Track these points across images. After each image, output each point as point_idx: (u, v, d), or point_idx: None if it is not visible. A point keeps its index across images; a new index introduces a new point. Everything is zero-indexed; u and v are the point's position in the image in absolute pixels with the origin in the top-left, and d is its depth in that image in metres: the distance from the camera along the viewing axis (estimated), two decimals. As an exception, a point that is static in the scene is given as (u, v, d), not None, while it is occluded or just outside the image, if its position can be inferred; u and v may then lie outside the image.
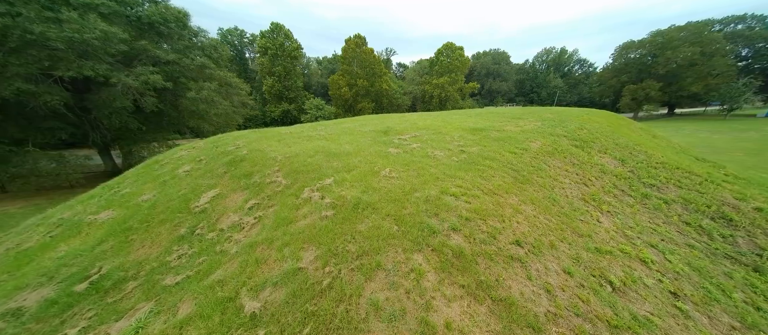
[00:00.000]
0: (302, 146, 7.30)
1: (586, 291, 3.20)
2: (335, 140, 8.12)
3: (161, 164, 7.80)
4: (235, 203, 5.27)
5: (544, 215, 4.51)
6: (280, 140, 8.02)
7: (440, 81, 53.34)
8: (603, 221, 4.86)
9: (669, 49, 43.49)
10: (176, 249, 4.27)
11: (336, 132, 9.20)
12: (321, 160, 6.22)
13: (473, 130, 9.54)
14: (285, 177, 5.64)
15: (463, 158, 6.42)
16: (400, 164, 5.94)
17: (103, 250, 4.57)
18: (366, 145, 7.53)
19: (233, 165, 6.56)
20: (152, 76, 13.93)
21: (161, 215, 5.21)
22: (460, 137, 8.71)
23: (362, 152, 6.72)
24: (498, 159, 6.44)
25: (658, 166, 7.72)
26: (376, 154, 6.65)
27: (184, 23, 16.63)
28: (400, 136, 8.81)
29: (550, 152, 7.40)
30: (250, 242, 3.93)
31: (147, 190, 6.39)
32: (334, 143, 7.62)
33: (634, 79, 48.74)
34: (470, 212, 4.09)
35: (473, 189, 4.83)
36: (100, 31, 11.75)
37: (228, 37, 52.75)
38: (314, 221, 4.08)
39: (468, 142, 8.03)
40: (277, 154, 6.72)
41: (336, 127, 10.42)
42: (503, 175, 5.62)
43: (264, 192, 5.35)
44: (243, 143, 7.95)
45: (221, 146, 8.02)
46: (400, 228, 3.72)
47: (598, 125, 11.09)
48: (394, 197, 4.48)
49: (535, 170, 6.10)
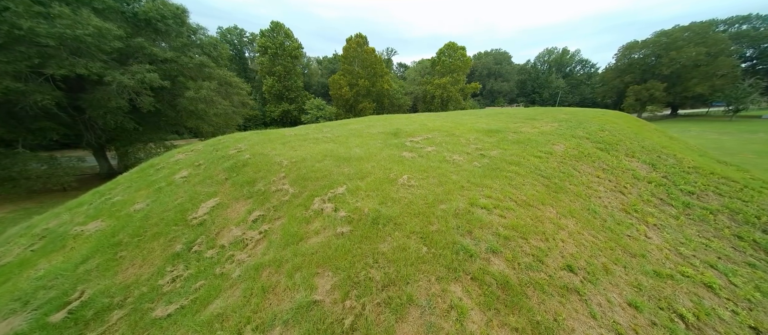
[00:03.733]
0: (309, 150, 6.76)
1: (660, 331, 2.67)
2: (343, 142, 7.58)
3: (157, 169, 7.24)
4: (237, 214, 4.73)
5: (588, 231, 3.98)
6: (285, 143, 7.47)
7: (442, 81, 52.75)
8: (651, 236, 4.33)
9: (673, 49, 43.02)
10: (170, 270, 3.72)
11: (343, 134, 8.66)
12: (330, 165, 5.69)
13: (488, 132, 9.02)
14: (292, 185, 5.10)
15: (486, 164, 5.89)
16: (417, 171, 5.41)
17: (87, 269, 4.02)
18: (377, 148, 7.00)
19: (235, 171, 6.01)
20: (149, 74, 13.41)
21: (155, 227, 4.67)
22: (476, 139, 8.19)
23: (374, 157, 6.19)
24: (523, 164, 5.91)
25: (691, 171, 7.20)
26: (390, 158, 6.12)
27: (182, 20, 15.99)
28: (411, 138, 8.27)
29: (577, 156, 6.88)
30: (255, 264, 3.39)
31: (140, 198, 5.84)
32: (343, 147, 7.08)
33: (638, 79, 48.27)
34: (508, 229, 3.56)
35: (505, 200, 4.30)
36: (93, 28, 11.16)
37: (227, 36, 52.08)
38: (328, 238, 3.54)
39: (486, 145, 7.51)
40: (282, 158, 6.18)
41: (342, 128, 9.87)
42: (533, 183, 5.09)
43: (269, 202, 4.81)
44: (245, 146, 7.40)
45: (221, 149, 7.47)
46: (429, 250, 3.19)
47: (617, 126, 10.58)
48: (417, 210, 3.94)
49: (566, 177, 5.57)
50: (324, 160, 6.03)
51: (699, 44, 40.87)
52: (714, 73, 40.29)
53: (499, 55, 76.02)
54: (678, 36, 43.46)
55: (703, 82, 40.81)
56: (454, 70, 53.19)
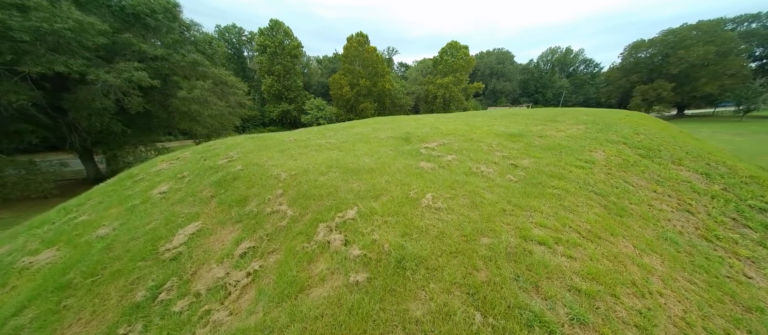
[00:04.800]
0: (311, 159, 5.80)
1: None
2: (350, 150, 6.63)
3: (135, 181, 6.28)
4: (221, 244, 3.77)
5: (680, 274, 3.02)
6: (283, 151, 6.52)
7: (444, 81, 51.76)
8: (752, 275, 3.37)
9: (682, 48, 42.04)
10: (123, 333, 2.76)
11: (348, 140, 7.70)
12: (337, 179, 4.74)
13: (510, 136, 8.08)
14: (291, 205, 4.15)
15: (522, 177, 4.93)
16: (442, 187, 4.46)
17: (18, 325, 3.06)
18: (389, 157, 6.05)
19: (223, 186, 5.05)
20: (137, 73, 12.32)
21: (116, 262, 3.70)
22: (499, 145, 7.25)
23: (388, 168, 5.24)
24: (567, 177, 4.96)
25: (749, 181, 6.23)
26: (406, 170, 5.17)
27: (174, 15, 14.94)
28: (425, 144, 7.33)
29: (622, 165, 5.92)
30: (237, 331, 2.43)
31: (109, 218, 4.87)
32: (350, 155, 6.13)
33: (645, 79, 47.30)
34: (586, 280, 2.60)
35: (564, 230, 3.35)
36: (74, 21, 10.17)
37: (226, 35, 51.02)
38: (338, 291, 2.59)
39: (513, 152, 6.56)
40: (280, 170, 5.23)
41: (346, 132, 8.92)
42: (588, 203, 4.13)
43: (263, 228, 3.86)
44: (237, 154, 6.44)
45: (210, 158, 6.51)
46: (485, 319, 2.24)
47: (650, 128, 9.62)
48: (453, 247, 3.00)
49: (622, 194, 4.62)
50: (329, 172, 5.08)
51: (708, 43, 39.90)
52: (724, 73, 39.34)
53: (501, 54, 75.02)
54: (686, 34, 42.50)
55: (713, 81, 39.83)
56: (457, 69, 52.23)
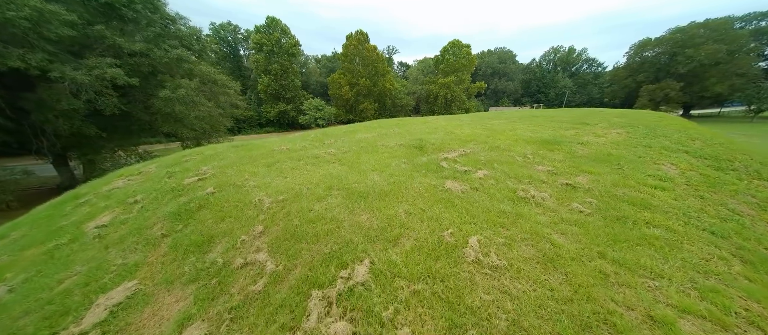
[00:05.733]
0: (305, 177, 4.46)
1: None
2: (353, 163, 5.28)
3: (77, 204, 4.90)
4: (159, 327, 2.43)
5: None
6: (271, 165, 5.16)
7: (446, 81, 50.40)
8: None
9: (690, 46, 40.88)
10: None
11: (351, 149, 6.35)
12: (338, 207, 3.41)
13: (543, 143, 6.78)
14: (273, 252, 2.82)
15: (593, 205, 3.60)
16: (486, 223, 3.14)
17: None
18: (404, 173, 4.71)
19: (183, 219, 3.70)
20: (111, 70, 10.68)
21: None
22: (534, 154, 5.94)
23: (405, 190, 3.91)
24: (653, 205, 3.63)
25: None
26: (430, 194, 3.84)
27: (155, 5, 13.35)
28: (443, 154, 6.01)
29: (706, 184, 4.61)
30: None
31: (17, 267, 3.50)
32: (354, 171, 4.78)
33: (651, 79, 46.15)
34: None
35: (720, 311, 2.02)
36: (30, 9, 8.74)
37: (221, 33, 49.36)
38: None
39: (557, 165, 5.23)
40: (263, 194, 3.88)
41: (348, 139, 7.57)
42: (716, 252, 2.81)
43: (227, 295, 2.53)
44: (212, 170, 5.08)
45: (177, 174, 5.13)
46: None
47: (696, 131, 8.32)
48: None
49: (741, 231, 3.30)
50: (328, 196, 3.74)
51: (718, 41, 38.77)
52: (734, 72, 38.24)
53: (503, 53, 73.75)
54: (694, 33, 41.33)
55: (723, 81, 38.67)
56: (459, 68, 50.92)
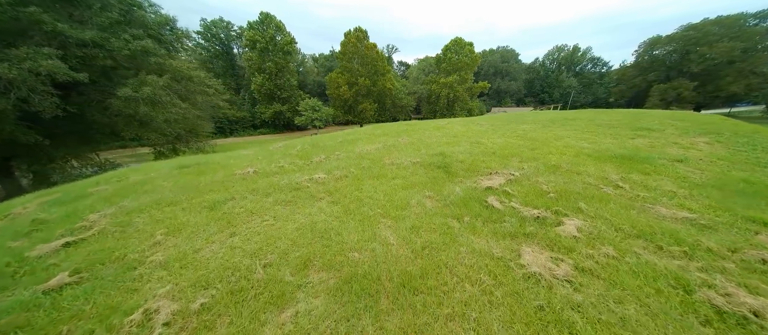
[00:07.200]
0: (266, 234, 2.46)
1: None
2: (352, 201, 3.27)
3: None
4: None
5: None
6: (216, 207, 3.15)
7: (448, 80, 48.38)
8: None
9: (704, 44, 39.12)
10: None
11: (349, 171, 4.34)
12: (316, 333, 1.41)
13: (622, 160, 4.91)
14: None
15: None
16: None
17: None
18: (438, 227, 2.73)
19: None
20: (46, 62, 8.50)
21: None
22: (625, 180, 4.00)
23: (448, 273, 1.91)
24: None
25: None
26: (512, 297, 1.85)
27: (110, -16, 11.11)
28: (484, 181, 4.07)
29: None
30: None
31: None
32: (353, 219, 2.78)
33: (662, 77, 44.33)
34: None
35: None
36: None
37: (212, 30, 47.12)
38: None
39: (688, 205, 3.26)
40: (165, 288, 1.87)
41: (346, 152, 5.55)
42: None
43: None
44: (107, 218, 3.07)
45: (41, 229, 3.11)
46: None
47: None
48: None
49: None
50: (299, 291, 1.76)
51: (734, 38, 36.98)
52: (751, 71, 36.46)
53: (505, 52, 71.83)
54: (708, 30, 39.54)
55: (739, 80, 36.91)
56: (461, 67, 48.92)
